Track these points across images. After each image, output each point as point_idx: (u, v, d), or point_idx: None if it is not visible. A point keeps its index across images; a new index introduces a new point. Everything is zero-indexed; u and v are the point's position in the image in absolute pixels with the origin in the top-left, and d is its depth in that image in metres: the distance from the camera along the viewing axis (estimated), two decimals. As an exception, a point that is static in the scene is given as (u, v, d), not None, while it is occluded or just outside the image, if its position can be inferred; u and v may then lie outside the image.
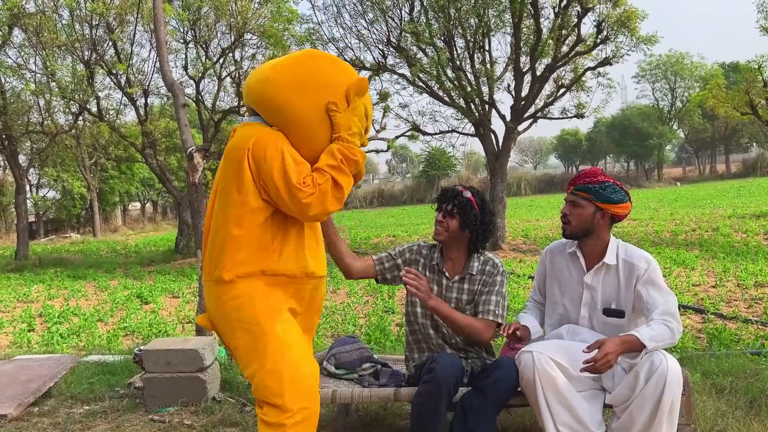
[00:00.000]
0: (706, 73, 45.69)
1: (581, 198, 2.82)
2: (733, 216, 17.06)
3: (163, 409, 3.98)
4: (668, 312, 2.65)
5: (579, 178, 2.86)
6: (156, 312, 8.70)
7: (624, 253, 2.84)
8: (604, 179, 2.80)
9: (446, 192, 3.12)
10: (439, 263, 3.14)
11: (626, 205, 2.82)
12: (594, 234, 2.83)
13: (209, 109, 16.86)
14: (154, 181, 35.10)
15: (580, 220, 2.82)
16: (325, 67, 2.43)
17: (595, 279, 2.84)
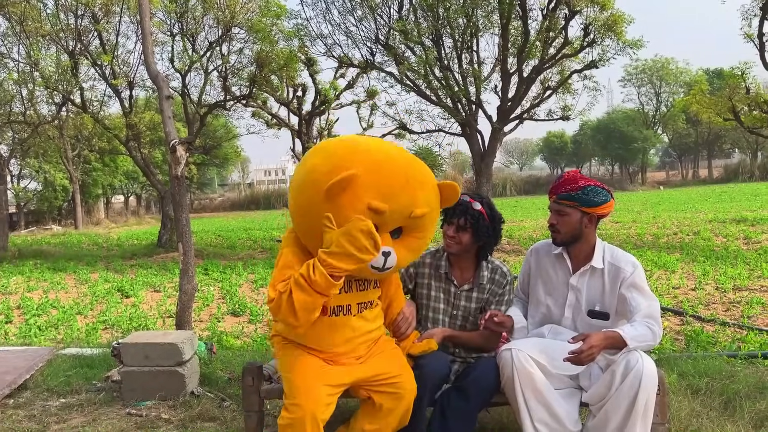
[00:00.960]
0: (690, 78, 46.14)
1: (566, 206, 2.82)
2: (714, 220, 17.24)
3: (141, 402, 3.95)
4: (651, 315, 2.69)
5: (560, 186, 2.84)
6: (137, 306, 8.63)
7: (610, 256, 2.86)
8: (585, 184, 2.80)
9: (456, 205, 2.95)
10: (447, 271, 3.12)
11: (609, 204, 2.84)
12: (582, 237, 2.85)
13: (195, 103, 16.73)
14: (138, 174, 34.79)
15: (568, 228, 2.84)
16: (319, 165, 2.44)
17: (581, 281, 2.86)
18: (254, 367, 2.91)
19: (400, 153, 2.55)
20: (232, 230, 23.92)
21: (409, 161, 2.50)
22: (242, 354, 5.16)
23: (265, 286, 10.16)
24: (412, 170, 2.45)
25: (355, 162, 2.36)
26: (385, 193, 2.34)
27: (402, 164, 2.43)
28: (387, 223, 2.43)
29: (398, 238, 2.51)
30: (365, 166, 2.36)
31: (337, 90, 20.69)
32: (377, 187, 2.34)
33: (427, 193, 2.48)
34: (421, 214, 2.45)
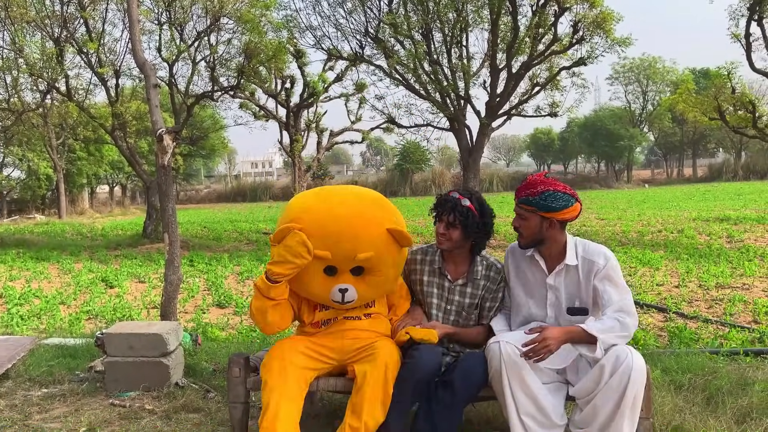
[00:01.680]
0: (677, 78, 46.49)
1: (526, 211, 2.84)
2: (698, 219, 17.41)
3: (124, 393, 3.92)
4: (622, 309, 2.70)
5: (521, 190, 2.86)
6: (121, 296, 8.56)
7: (583, 250, 2.86)
8: (543, 189, 2.78)
9: (445, 202, 3.06)
10: (440, 266, 3.14)
11: (572, 209, 2.80)
12: (547, 240, 2.86)
13: (182, 93, 16.58)
14: (124, 164, 34.50)
15: (529, 232, 2.85)
16: (282, 216, 2.95)
17: (558, 280, 2.87)
18: (240, 358, 2.89)
19: (350, 207, 2.85)
20: (218, 222, 23.80)
21: (356, 217, 2.81)
22: (227, 346, 5.14)
23: (250, 278, 10.13)
24: (354, 221, 2.78)
25: (303, 219, 2.79)
26: (325, 243, 2.73)
27: (344, 219, 2.78)
28: (341, 265, 2.81)
29: (360, 275, 2.86)
30: (310, 221, 2.78)
31: (326, 82, 20.62)
32: (320, 238, 2.74)
33: (370, 239, 2.77)
34: (366, 258, 2.76)
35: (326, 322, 3.00)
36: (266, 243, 15.35)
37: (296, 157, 22.09)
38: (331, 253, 2.74)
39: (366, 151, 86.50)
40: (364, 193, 3.04)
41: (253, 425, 3.34)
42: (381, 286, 2.93)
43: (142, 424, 3.43)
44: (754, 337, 5.60)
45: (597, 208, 24.75)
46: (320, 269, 2.82)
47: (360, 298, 2.88)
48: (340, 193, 2.98)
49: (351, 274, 2.83)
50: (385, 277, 2.89)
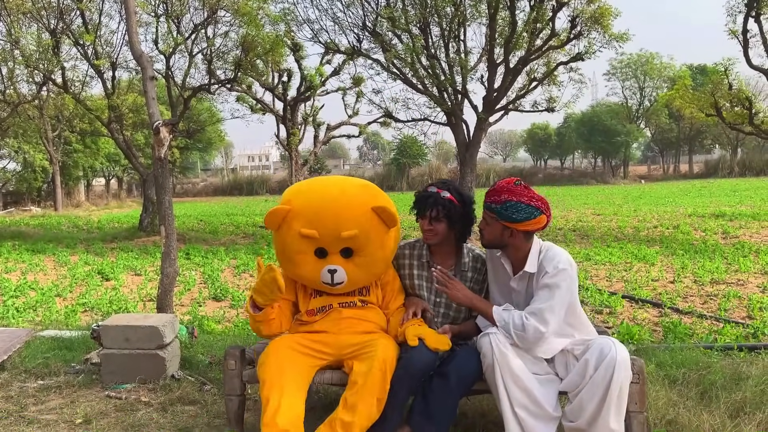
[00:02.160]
0: (674, 74, 46.49)
1: (488, 216, 2.85)
2: (694, 215, 17.47)
3: (120, 385, 3.93)
4: (534, 312, 2.69)
5: (487, 195, 2.86)
6: (117, 289, 8.55)
7: (542, 256, 2.82)
8: (507, 198, 2.76)
9: (425, 198, 3.09)
10: (428, 260, 3.17)
11: (535, 221, 2.76)
12: (509, 247, 2.86)
13: (179, 86, 16.53)
14: (120, 157, 34.37)
15: (490, 236, 2.88)
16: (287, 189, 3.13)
17: (520, 284, 2.89)
18: (237, 351, 2.89)
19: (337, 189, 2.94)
20: (215, 215, 23.78)
21: (340, 195, 2.90)
22: (223, 339, 5.14)
23: (247, 271, 10.13)
24: (339, 200, 2.87)
25: (293, 201, 2.91)
26: (311, 222, 2.82)
27: (329, 198, 2.88)
28: (329, 246, 2.87)
29: (349, 258, 2.90)
30: (298, 202, 2.89)
31: (323, 76, 20.57)
32: (306, 218, 2.84)
33: (354, 217, 2.84)
34: (351, 235, 2.82)
35: (321, 309, 3.02)
36: (263, 236, 15.35)
37: (293, 151, 22.06)
38: (318, 231, 2.81)
39: (363, 145, 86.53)
40: (353, 179, 3.12)
41: (248, 418, 3.36)
42: (370, 268, 2.95)
43: (138, 416, 3.43)
44: (748, 333, 5.63)
45: (593, 203, 24.80)
46: (311, 251, 2.88)
47: (350, 281, 2.92)
48: (331, 179, 3.10)
49: (340, 256, 2.89)
50: (372, 258, 2.92)
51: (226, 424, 3.00)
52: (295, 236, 2.85)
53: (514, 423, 2.64)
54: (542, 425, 2.63)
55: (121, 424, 3.31)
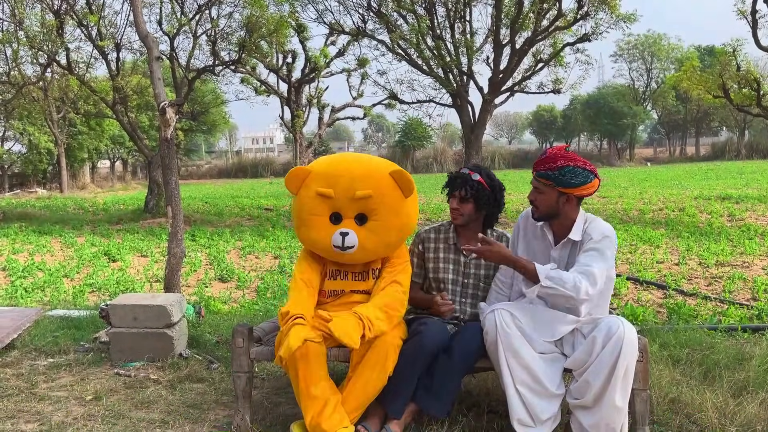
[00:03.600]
0: (681, 55, 46.06)
1: (543, 185, 2.81)
2: (700, 197, 17.39)
3: (129, 363, 3.98)
4: (584, 272, 2.66)
5: (540, 164, 2.83)
6: (124, 270, 8.62)
7: (588, 225, 2.85)
8: (564, 164, 2.74)
9: (456, 177, 3.18)
10: (456, 242, 3.21)
11: (591, 185, 2.78)
12: (561, 215, 2.85)
13: (183, 67, 16.48)
14: (125, 139, 34.36)
15: (545, 205, 2.84)
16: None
17: (561, 253, 2.88)
18: (244, 329, 2.92)
19: (354, 156, 3.15)
20: (220, 197, 23.82)
21: (358, 159, 3.08)
22: (230, 318, 5.19)
23: (252, 253, 10.18)
24: (356, 164, 3.01)
25: (314, 167, 3.04)
26: (328, 182, 2.91)
27: (346, 162, 3.04)
28: (344, 208, 2.93)
29: (363, 224, 2.94)
30: (317, 166, 3.02)
31: (328, 57, 20.47)
32: (323, 178, 2.93)
33: (368, 178, 2.91)
34: (363, 195, 2.87)
35: (334, 292, 3.06)
36: (268, 219, 15.40)
37: (297, 133, 22.03)
38: (334, 190, 2.89)
39: (367, 127, 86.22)
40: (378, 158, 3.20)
41: (256, 395, 3.40)
42: (382, 235, 2.94)
43: (147, 393, 3.48)
44: (752, 314, 5.64)
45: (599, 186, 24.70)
46: (326, 213, 2.94)
47: (360, 246, 2.91)
48: (355, 154, 3.24)
49: (354, 222, 2.93)
50: (385, 225, 2.92)
51: (234, 401, 3.04)
52: (312, 196, 2.92)
53: (516, 400, 2.67)
54: (545, 402, 2.66)
55: (131, 401, 3.36)
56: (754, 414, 2.87)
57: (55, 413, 3.20)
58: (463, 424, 2.90)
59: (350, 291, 3.05)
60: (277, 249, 10.43)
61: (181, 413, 3.19)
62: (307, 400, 2.71)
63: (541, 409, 2.64)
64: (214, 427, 3.02)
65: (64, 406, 3.30)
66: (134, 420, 3.09)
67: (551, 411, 2.66)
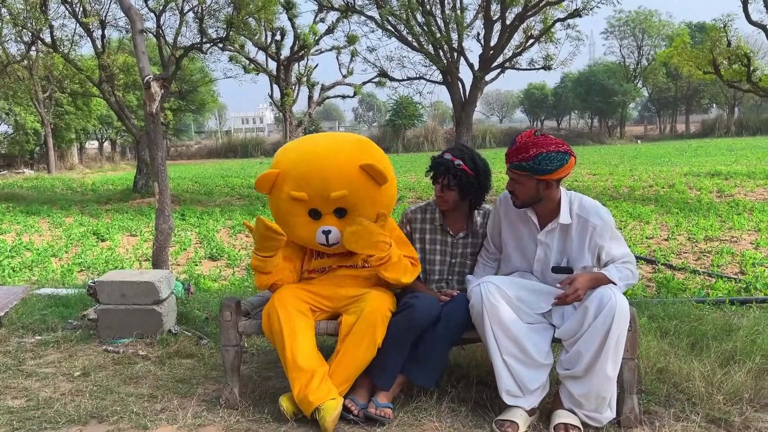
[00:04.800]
0: (672, 31, 45.92)
1: (519, 175, 2.75)
2: (689, 174, 17.45)
3: (117, 340, 3.96)
4: (628, 260, 2.77)
5: (513, 155, 2.74)
6: (113, 249, 8.56)
7: (578, 207, 2.81)
8: (536, 152, 2.66)
9: (438, 165, 3.07)
10: (442, 223, 3.18)
11: (567, 166, 2.71)
12: (544, 199, 2.80)
13: (170, 45, 16.27)
14: (113, 119, 33.99)
15: (525, 194, 2.78)
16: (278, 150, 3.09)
17: (549, 237, 2.85)
18: (232, 302, 2.90)
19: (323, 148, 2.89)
20: (209, 177, 23.68)
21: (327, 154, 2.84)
22: (220, 295, 5.16)
23: (242, 231, 10.13)
24: (325, 162, 2.81)
25: (280, 163, 2.90)
26: (299, 184, 2.80)
27: (316, 158, 2.83)
28: (321, 207, 2.85)
29: (342, 218, 2.87)
30: (286, 164, 2.87)
31: (317, 35, 20.27)
32: (294, 180, 2.81)
33: (341, 177, 2.79)
34: (339, 196, 2.78)
35: (322, 269, 3.04)
36: (258, 198, 15.33)
37: (287, 112, 21.87)
38: (307, 194, 2.80)
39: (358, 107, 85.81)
40: (344, 136, 3.05)
41: (245, 370, 3.40)
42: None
43: (136, 368, 3.47)
44: (740, 287, 5.68)
45: (589, 163, 24.74)
46: (304, 213, 2.88)
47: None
48: (320, 137, 3.03)
49: (334, 216, 2.88)
50: (364, 215, 2.86)
51: (223, 375, 3.03)
52: (286, 199, 2.84)
53: (504, 371, 2.67)
54: (533, 373, 2.66)
55: (120, 376, 3.35)
56: (741, 382, 2.89)
57: (43, 389, 3.19)
58: (452, 394, 2.91)
59: (338, 266, 3.03)
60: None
61: (170, 388, 3.18)
62: (294, 372, 2.71)
63: (529, 380, 2.65)
64: (203, 400, 3.01)
65: (52, 383, 3.28)
66: (123, 395, 3.08)
67: (540, 381, 2.67)
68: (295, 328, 2.74)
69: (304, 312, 2.83)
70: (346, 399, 2.74)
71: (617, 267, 2.72)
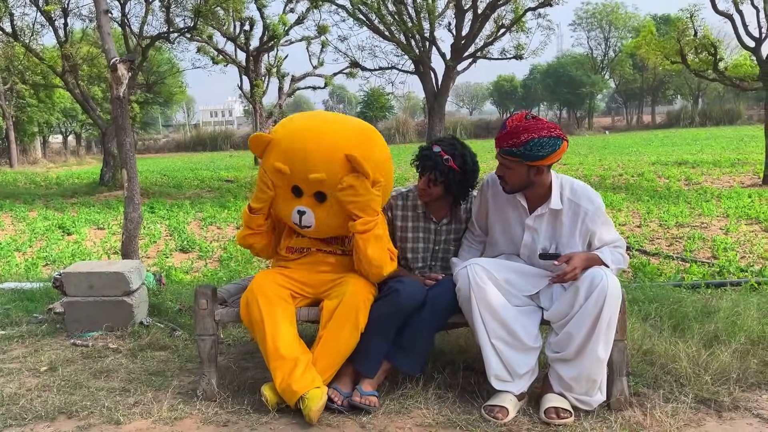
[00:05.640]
0: (638, 23, 46.52)
1: (510, 161, 2.66)
2: (657, 163, 17.73)
3: (86, 333, 3.79)
4: (619, 245, 2.74)
5: (503, 139, 2.64)
6: (79, 242, 8.31)
7: (569, 191, 2.74)
8: (527, 138, 2.56)
9: (426, 158, 2.92)
10: (425, 211, 3.04)
11: (560, 151, 2.62)
12: (534, 185, 2.72)
13: (136, 35, 15.86)
14: (77, 112, 33.15)
15: (515, 180, 2.69)
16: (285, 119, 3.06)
17: (538, 221, 2.76)
18: (208, 290, 2.78)
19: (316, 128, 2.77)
20: (178, 170, 23.27)
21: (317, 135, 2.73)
22: (192, 286, 5.01)
23: (214, 223, 9.95)
24: (314, 140, 2.71)
25: (277, 131, 2.82)
26: (285, 156, 2.72)
27: (306, 136, 2.73)
28: (302, 186, 2.75)
29: (322, 202, 2.77)
30: (281, 134, 2.79)
31: (287, 25, 20.01)
32: (282, 151, 2.73)
33: (322, 160, 2.68)
34: (316, 179, 2.68)
35: (300, 249, 2.95)
36: (229, 190, 15.09)
37: (257, 103, 21.59)
38: (289, 168, 2.72)
39: (328, 99, 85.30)
40: (347, 120, 2.92)
41: (222, 361, 3.28)
42: (340, 215, 2.77)
43: (107, 362, 3.32)
44: (714, 271, 5.76)
45: (559, 153, 24.92)
46: (287, 187, 2.79)
47: (317, 227, 2.79)
48: (325, 117, 2.91)
49: (314, 199, 2.78)
50: (340, 207, 2.74)
51: (199, 366, 2.91)
52: (271, 169, 2.76)
53: (492, 355, 2.59)
54: (522, 356, 2.59)
55: (89, 370, 3.19)
56: (727, 362, 2.87)
57: (7, 385, 3.02)
58: (438, 381, 2.83)
59: (316, 250, 2.92)
60: (240, 219, 10.20)
61: (142, 381, 3.04)
62: (276, 360, 2.59)
63: (518, 364, 2.58)
64: (178, 393, 2.88)
65: (17, 378, 3.11)
66: (93, 389, 2.93)
67: (528, 365, 2.60)
68: (275, 316, 2.63)
69: (285, 298, 2.72)
70: (329, 388, 2.64)
71: (610, 250, 2.68)
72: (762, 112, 46.21)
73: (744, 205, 9.49)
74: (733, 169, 15.03)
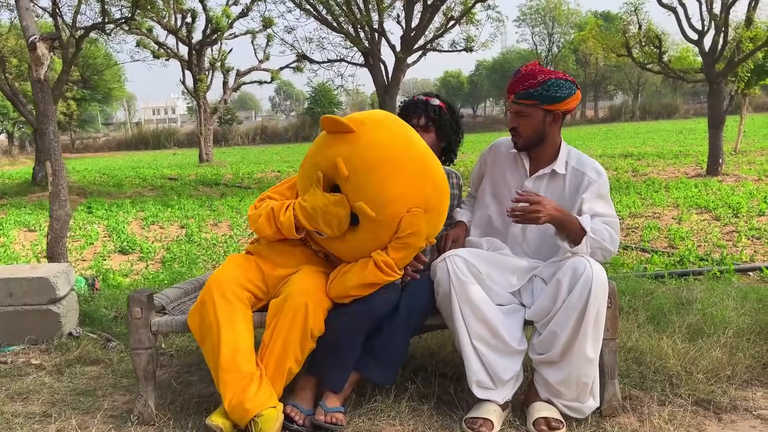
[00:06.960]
0: (580, 20, 47.54)
1: (525, 106, 2.46)
2: (604, 155, 17.99)
3: (5, 348, 3.34)
4: (613, 223, 2.46)
5: (517, 84, 2.47)
6: (7, 246, 7.67)
7: (575, 161, 2.55)
8: (545, 78, 2.42)
9: (413, 105, 2.71)
10: None
11: (575, 97, 2.49)
12: (547, 138, 2.53)
13: (69, 26, 15.01)
14: (8, 110, 31.46)
15: (530, 130, 2.49)
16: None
17: (537, 185, 2.54)
18: (143, 296, 2.39)
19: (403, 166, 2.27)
20: (119, 169, 22.31)
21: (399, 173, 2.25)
22: (131, 291, 4.57)
23: (156, 223, 9.42)
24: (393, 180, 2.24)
25: (362, 124, 2.30)
26: (351, 165, 2.25)
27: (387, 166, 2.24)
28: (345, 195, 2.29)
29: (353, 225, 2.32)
30: (364, 139, 2.27)
31: (230, 17, 19.42)
32: (350, 151, 2.25)
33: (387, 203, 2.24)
34: (362, 210, 2.24)
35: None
36: (172, 188, 14.47)
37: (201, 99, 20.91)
38: (349, 177, 2.25)
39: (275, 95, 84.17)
40: (435, 164, 2.39)
41: (162, 375, 2.90)
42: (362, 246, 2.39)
43: (27, 381, 2.88)
44: (674, 260, 5.68)
45: (508, 147, 25.11)
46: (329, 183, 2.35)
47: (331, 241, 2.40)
48: (418, 141, 2.39)
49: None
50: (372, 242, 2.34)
51: (135, 384, 2.53)
52: (330, 160, 2.28)
53: (474, 358, 2.30)
54: (506, 360, 2.30)
55: (5, 392, 2.76)
56: (717, 359, 2.67)
57: None
58: (411, 391, 2.51)
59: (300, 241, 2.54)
60: (184, 218, 9.70)
61: (68, 403, 2.63)
62: (229, 373, 2.19)
63: (502, 368, 2.29)
64: (110, 416, 2.49)
65: None
66: (8, 415, 2.50)
67: (513, 370, 2.31)
68: (234, 321, 2.25)
69: (245, 301, 2.33)
70: (288, 405, 2.28)
71: (595, 221, 2.39)
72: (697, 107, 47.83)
73: (692, 195, 9.59)
74: (676, 161, 15.35)
